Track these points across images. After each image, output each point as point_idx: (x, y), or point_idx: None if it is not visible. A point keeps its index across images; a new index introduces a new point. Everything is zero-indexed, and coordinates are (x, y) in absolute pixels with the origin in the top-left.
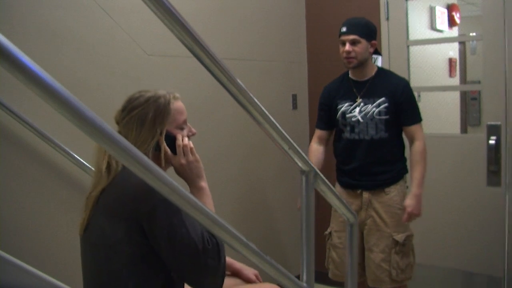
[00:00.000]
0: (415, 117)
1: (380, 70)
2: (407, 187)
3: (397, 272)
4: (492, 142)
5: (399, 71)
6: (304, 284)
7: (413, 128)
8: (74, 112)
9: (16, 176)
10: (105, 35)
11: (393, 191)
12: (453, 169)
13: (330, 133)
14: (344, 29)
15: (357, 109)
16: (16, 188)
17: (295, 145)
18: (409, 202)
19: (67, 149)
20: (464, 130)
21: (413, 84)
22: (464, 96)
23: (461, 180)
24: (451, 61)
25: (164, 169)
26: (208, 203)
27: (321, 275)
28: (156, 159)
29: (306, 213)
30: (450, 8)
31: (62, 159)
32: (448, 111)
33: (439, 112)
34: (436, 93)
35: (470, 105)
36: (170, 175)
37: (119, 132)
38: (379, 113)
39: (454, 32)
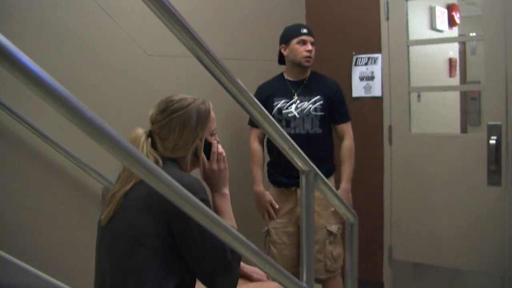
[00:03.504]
0: (345, 116)
1: (314, 72)
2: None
3: (331, 262)
4: (492, 142)
5: (399, 71)
6: (304, 284)
7: (344, 126)
8: (74, 112)
9: (16, 176)
10: (105, 35)
11: None
12: (453, 169)
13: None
14: (305, 30)
15: (294, 106)
16: (16, 188)
17: (295, 145)
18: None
19: (67, 149)
20: (464, 130)
21: (413, 84)
22: (464, 96)
23: (461, 180)
24: (451, 61)
25: (189, 171)
26: (229, 209)
27: None
28: (192, 162)
29: (306, 213)
30: (450, 8)
31: (62, 159)
32: (448, 111)
33: (439, 112)
34: (436, 93)
35: (470, 105)
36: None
37: (153, 131)
38: (315, 109)
39: (454, 32)
